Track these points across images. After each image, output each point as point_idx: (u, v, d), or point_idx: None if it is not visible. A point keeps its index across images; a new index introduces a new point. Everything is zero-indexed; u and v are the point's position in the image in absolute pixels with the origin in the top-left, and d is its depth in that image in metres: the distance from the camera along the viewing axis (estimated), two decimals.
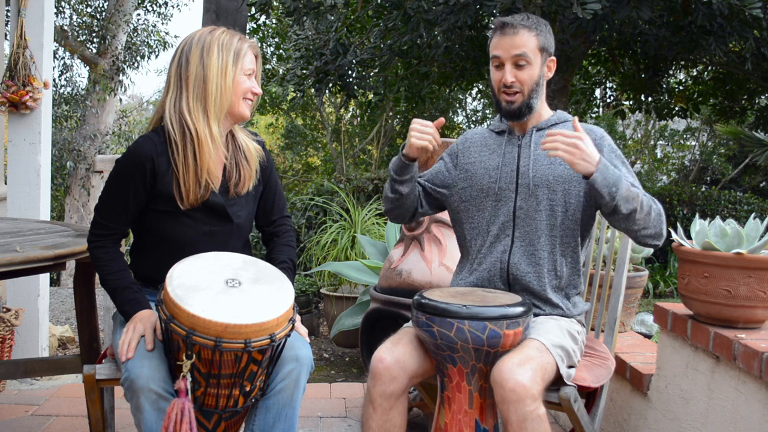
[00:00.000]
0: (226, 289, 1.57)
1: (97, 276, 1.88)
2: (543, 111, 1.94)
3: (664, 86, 7.79)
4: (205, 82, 1.75)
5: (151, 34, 10.77)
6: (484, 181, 1.92)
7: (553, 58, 1.91)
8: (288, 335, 1.59)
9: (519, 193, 1.87)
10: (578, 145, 1.65)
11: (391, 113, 10.99)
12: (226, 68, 1.76)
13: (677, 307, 2.06)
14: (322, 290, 4.74)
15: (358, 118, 12.41)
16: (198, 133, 1.74)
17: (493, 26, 1.89)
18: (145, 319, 1.69)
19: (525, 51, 1.82)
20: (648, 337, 3.19)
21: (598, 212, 1.91)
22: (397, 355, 1.69)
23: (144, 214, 1.80)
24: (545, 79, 1.90)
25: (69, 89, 10.48)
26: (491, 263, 1.88)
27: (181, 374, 1.51)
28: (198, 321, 1.47)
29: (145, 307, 1.74)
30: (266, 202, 1.96)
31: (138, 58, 10.39)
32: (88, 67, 10.12)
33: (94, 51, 9.97)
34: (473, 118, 12.42)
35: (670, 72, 7.67)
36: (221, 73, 1.76)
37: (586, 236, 1.93)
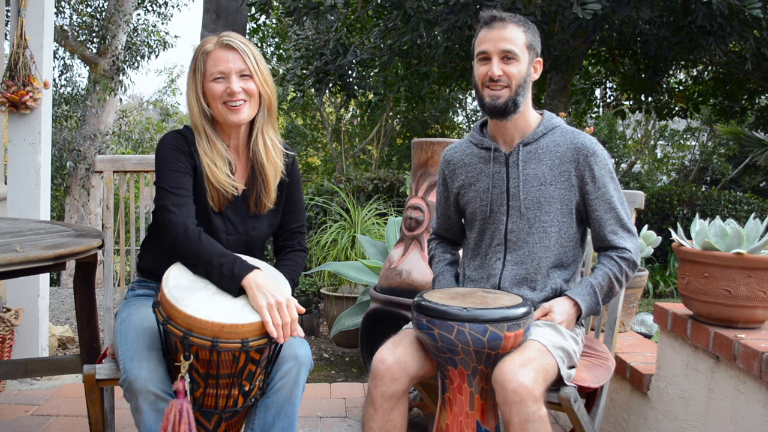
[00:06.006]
0: (223, 290, 1.57)
1: (97, 276, 1.88)
2: (529, 118, 1.84)
3: (664, 86, 7.79)
4: (188, 105, 1.82)
5: (151, 34, 10.79)
6: (476, 205, 1.89)
7: (540, 59, 1.83)
8: None
9: (510, 216, 1.83)
10: (555, 325, 1.73)
11: (391, 113, 10.98)
12: (189, 87, 1.78)
13: (677, 307, 2.06)
14: (322, 290, 4.74)
15: (358, 118, 12.41)
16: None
17: (480, 20, 1.81)
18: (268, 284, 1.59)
19: (514, 45, 1.75)
20: (648, 337, 3.19)
21: None
22: (398, 356, 1.68)
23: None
24: (531, 80, 1.81)
25: (69, 89, 10.49)
26: (482, 284, 1.89)
27: (179, 375, 1.51)
28: (194, 322, 1.47)
29: (252, 267, 1.62)
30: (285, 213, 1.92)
31: (138, 58, 10.40)
32: (88, 67, 10.13)
33: (94, 51, 9.97)
34: (473, 118, 12.42)
35: (670, 72, 7.67)
36: (188, 93, 1.79)
37: (582, 250, 1.92)
